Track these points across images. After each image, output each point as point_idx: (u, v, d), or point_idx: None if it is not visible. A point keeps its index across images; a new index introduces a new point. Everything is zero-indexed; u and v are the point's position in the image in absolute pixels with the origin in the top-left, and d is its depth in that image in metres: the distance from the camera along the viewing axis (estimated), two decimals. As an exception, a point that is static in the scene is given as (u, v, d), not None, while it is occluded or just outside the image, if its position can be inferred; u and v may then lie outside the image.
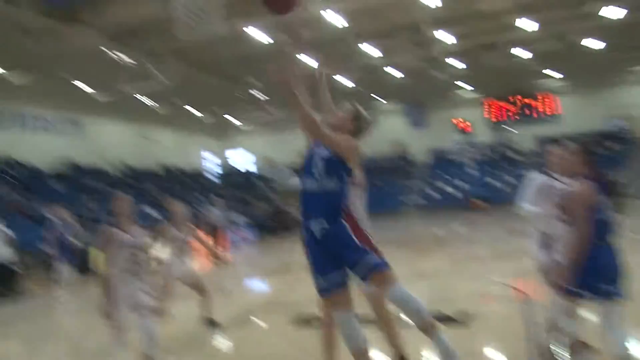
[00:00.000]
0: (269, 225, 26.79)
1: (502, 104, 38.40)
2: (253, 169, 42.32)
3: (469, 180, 34.84)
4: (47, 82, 25.20)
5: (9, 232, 13.19)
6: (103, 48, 21.29)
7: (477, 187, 33.84)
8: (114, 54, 22.14)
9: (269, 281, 12.90)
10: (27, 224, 18.91)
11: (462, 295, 8.29)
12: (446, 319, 6.28)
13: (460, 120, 38.77)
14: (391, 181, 37.55)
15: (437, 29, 23.25)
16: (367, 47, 25.18)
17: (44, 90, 25.62)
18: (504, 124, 38.18)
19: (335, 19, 20.85)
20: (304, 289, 10.17)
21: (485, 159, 36.58)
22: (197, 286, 7.52)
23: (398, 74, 31.60)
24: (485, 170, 35.38)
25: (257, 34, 21.53)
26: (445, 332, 4.06)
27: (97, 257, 8.38)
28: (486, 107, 38.49)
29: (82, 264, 11.14)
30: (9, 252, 12.73)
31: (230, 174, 39.78)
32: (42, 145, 26.57)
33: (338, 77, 30.72)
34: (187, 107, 35.22)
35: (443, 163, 37.95)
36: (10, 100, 25.05)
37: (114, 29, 19.71)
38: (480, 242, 16.85)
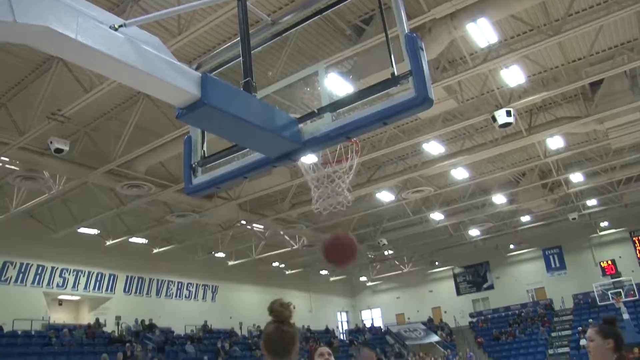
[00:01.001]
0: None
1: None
2: (385, 325, 41.40)
3: (620, 327, 31.17)
4: (187, 252, 27.42)
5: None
6: (240, 220, 22.94)
7: (632, 334, 30.22)
8: (248, 224, 23.72)
9: None
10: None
11: None
12: None
13: (606, 261, 35.82)
14: (533, 332, 35.09)
15: (566, 170, 22.81)
16: (496, 197, 25.00)
17: (185, 260, 27.80)
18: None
19: (461, 173, 21.42)
20: None
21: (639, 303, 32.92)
22: None
23: (530, 219, 30.81)
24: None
25: (381, 195, 22.32)
26: None
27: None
28: (637, 244, 35.36)
29: None
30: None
31: (362, 332, 39.06)
32: (180, 310, 28.14)
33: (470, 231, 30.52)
34: (318, 269, 36.28)
35: (588, 309, 34.84)
36: (155, 270, 27.22)
37: (248, 201, 21.28)
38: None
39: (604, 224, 34.63)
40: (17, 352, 18.81)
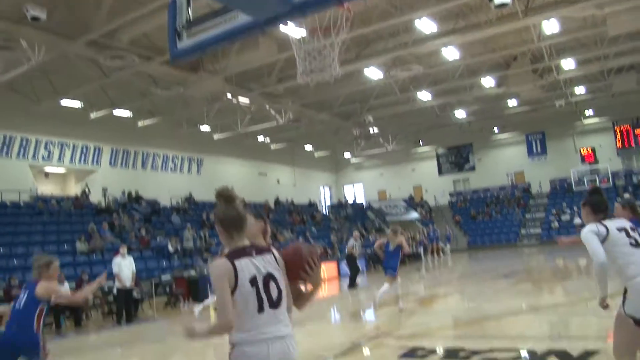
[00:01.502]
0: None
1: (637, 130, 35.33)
2: (367, 201, 42.56)
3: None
4: (172, 125, 27.29)
5: (132, 263, 13.92)
6: (226, 93, 22.66)
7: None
8: (233, 97, 23.46)
9: (380, 312, 12.60)
10: (148, 254, 20.28)
11: (581, 332, 7.75)
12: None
13: (586, 148, 36.39)
14: (509, 213, 36.49)
15: (558, 56, 22.52)
16: (485, 80, 24.76)
17: (170, 134, 27.74)
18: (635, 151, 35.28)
19: (452, 53, 20.93)
20: (413, 322, 10.10)
21: (612, 189, 33.99)
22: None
23: (516, 104, 30.79)
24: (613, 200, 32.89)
25: (370, 72, 21.98)
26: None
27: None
28: (617, 133, 35.76)
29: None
30: (132, 281, 13.49)
31: (345, 207, 40.23)
32: (165, 182, 28.43)
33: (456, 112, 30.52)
34: (303, 145, 36.56)
35: (563, 194, 36.10)
36: (140, 143, 27.23)
37: (234, 74, 20.86)
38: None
39: (589, 112, 34.85)
40: (7, 222, 19.19)
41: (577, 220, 30.05)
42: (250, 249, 2.87)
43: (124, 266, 13.24)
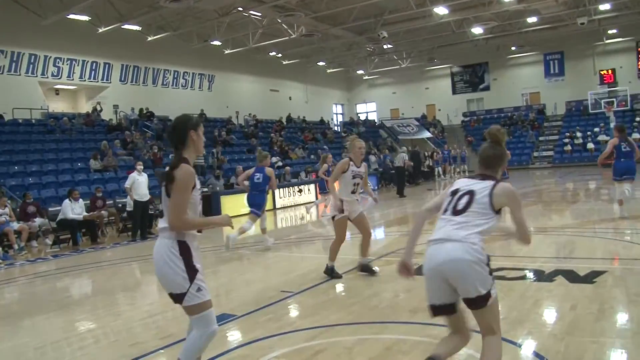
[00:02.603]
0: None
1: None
2: (379, 119, 42.20)
3: (606, 134, 31.91)
4: (183, 41, 26.79)
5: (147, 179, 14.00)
6: (237, 6, 22.05)
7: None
8: (245, 10, 22.84)
9: (392, 230, 12.71)
10: (161, 172, 20.46)
11: (588, 253, 7.81)
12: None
13: (606, 70, 35.31)
14: (522, 135, 36.17)
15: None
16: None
17: (180, 49, 27.32)
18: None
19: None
20: (423, 240, 10.12)
21: (630, 113, 33.26)
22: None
23: (536, 21, 29.55)
24: (630, 123, 32.26)
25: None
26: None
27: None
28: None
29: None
30: (147, 196, 13.65)
31: (357, 125, 39.98)
32: (177, 98, 28.22)
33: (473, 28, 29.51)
34: (316, 61, 35.89)
35: (578, 116, 35.52)
36: (150, 59, 26.93)
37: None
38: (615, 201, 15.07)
39: (612, 31, 33.47)
40: (21, 140, 19.28)
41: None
42: (479, 175, 3.29)
43: (141, 182, 13.43)
